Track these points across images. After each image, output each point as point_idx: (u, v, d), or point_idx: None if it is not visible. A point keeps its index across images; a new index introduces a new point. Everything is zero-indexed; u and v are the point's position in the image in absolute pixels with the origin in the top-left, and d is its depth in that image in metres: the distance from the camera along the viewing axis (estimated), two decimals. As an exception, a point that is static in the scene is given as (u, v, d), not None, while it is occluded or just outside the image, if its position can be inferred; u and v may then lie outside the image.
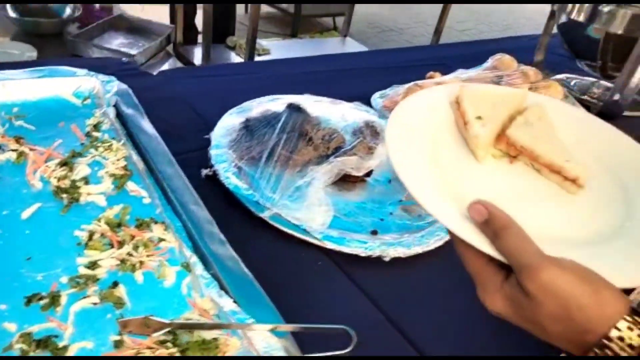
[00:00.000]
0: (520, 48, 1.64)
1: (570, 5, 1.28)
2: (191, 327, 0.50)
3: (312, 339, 0.50)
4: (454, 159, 0.54)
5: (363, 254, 0.68)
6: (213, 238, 0.58)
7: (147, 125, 0.74)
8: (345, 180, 0.83)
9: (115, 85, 0.80)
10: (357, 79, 1.26)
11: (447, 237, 0.74)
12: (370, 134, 0.92)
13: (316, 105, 0.99)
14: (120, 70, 1.05)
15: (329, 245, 0.68)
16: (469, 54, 1.51)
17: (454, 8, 4.95)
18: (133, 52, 2.36)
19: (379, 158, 0.87)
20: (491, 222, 0.41)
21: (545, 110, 0.61)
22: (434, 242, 0.72)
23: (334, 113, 0.99)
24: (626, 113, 1.34)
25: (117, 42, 2.58)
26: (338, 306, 0.62)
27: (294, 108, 0.86)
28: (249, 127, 0.83)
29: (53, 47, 2.29)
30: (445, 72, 1.22)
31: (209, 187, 0.75)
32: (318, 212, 0.74)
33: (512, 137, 0.56)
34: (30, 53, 2.07)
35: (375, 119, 0.99)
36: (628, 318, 0.36)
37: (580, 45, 1.38)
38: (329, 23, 4.22)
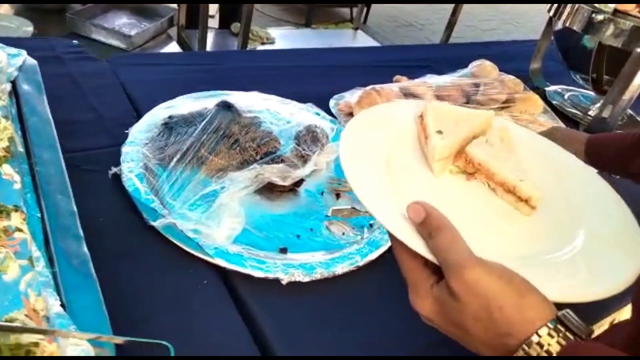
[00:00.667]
0: (522, 54, 1.55)
1: (566, 12, 1.18)
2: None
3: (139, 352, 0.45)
4: (410, 171, 0.54)
5: (257, 275, 0.62)
6: (68, 232, 0.53)
7: (41, 106, 0.69)
8: (271, 190, 0.77)
9: (21, 59, 0.74)
10: (323, 77, 1.19)
11: (360, 263, 0.67)
12: (310, 140, 0.85)
13: (261, 104, 0.92)
14: (67, 53, 1.01)
15: (221, 262, 0.62)
16: (455, 57, 1.42)
17: (480, 7, 4.79)
18: (132, 32, 2.33)
19: (313, 167, 0.81)
20: (427, 223, 0.41)
21: (509, 133, 0.60)
22: (343, 267, 0.66)
23: (280, 114, 0.93)
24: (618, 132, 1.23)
25: (119, 22, 2.56)
26: (209, 329, 0.56)
27: (223, 106, 0.80)
28: (170, 125, 0.77)
29: (54, 24, 2.28)
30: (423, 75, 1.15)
31: (117, 187, 0.71)
32: (225, 224, 0.68)
33: (471, 154, 0.55)
34: (27, 28, 2.06)
35: (322, 123, 0.93)
36: (550, 325, 0.37)
37: (575, 56, 1.27)
38: (346, 14, 4.12)
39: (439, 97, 1.03)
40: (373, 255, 0.69)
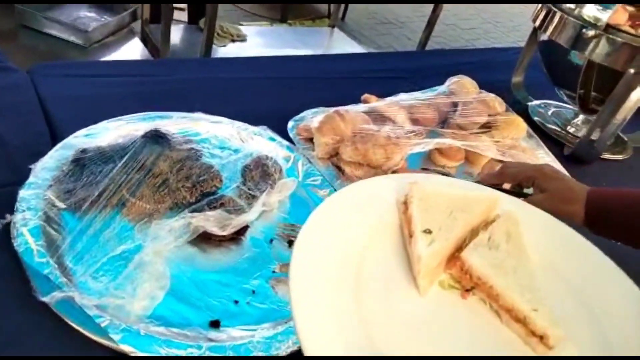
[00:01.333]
0: (504, 63, 1.44)
1: (553, 25, 1.07)
2: None
3: None
4: (385, 285, 0.42)
5: (175, 365, 0.49)
6: None
7: None
8: (209, 239, 0.64)
9: None
10: (286, 91, 1.06)
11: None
12: (258, 176, 0.73)
13: (205, 129, 0.79)
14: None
15: (128, 350, 0.49)
16: (432, 66, 1.30)
17: (461, 6, 4.70)
18: (90, 27, 2.16)
19: (260, 209, 0.68)
20: None
21: (517, 223, 0.47)
22: (284, 352, 0.53)
23: (228, 141, 0.80)
24: (605, 155, 1.14)
25: (77, 15, 2.38)
26: None
27: (151, 137, 0.67)
28: (82, 162, 0.63)
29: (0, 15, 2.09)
30: (399, 89, 1.03)
31: (7, 243, 0.56)
32: (143, 290, 0.55)
33: (468, 263, 0.43)
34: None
35: (278, 151, 0.80)
36: None
37: (561, 71, 1.17)
38: (324, 10, 3.97)
39: (412, 119, 0.91)
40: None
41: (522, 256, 0.44)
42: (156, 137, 0.67)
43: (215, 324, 0.55)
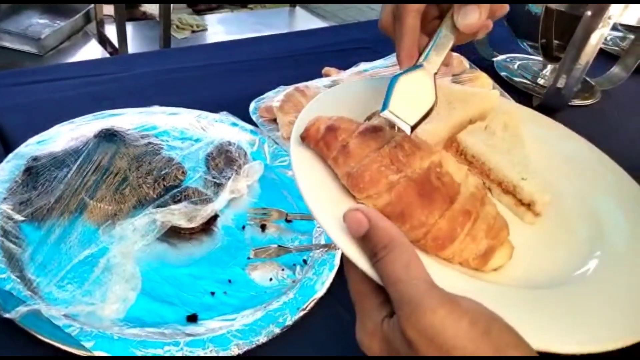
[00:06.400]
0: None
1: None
2: None
3: None
4: None
5: (153, 365, 0.48)
6: None
7: None
8: (178, 233, 0.63)
9: None
10: (245, 75, 1.03)
11: (290, 322, 0.54)
12: (223, 163, 0.71)
13: (162, 122, 0.77)
14: None
15: (100, 354, 0.47)
16: (394, 35, 1.28)
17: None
18: (42, 35, 2.10)
19: (229, 197, 0.67)
20: (371, 238, 0.32)
21: (515, 120, 0.48)
22: (265, 337, 0.52)
23: (188, 131, 0.78)
24: (574, 102, 1.14)
25: (29, 23, 2.30)
26: None
27: (104, 136, 0.64)
28: (34, 170, 0.61)
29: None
30: (362, 59, 1.01)
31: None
32: (114, 293, 0.53)
33: (463, 143, 0.45)
34: None
35: (241, 135, 0.78)
36: None
37: (521, 22, 1.16)
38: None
39: (376, 88, 0.90)
40: (308, 304, 0.56)
41: (517, 142, 0.45)
42: (109, 136, 0.64)
43: (192, 318, 0.54)
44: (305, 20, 2.88)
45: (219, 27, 2.64)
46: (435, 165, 0.36)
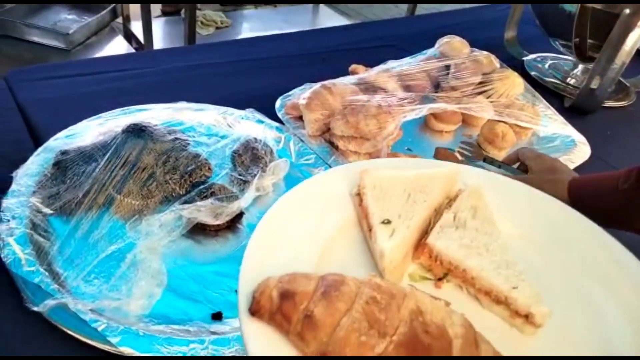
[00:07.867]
0: (494, 20, 1.39)
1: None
2: None
3: None
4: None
5: (178, 363, 0.48)
6: None
7: None
8: (204, 230, 0.62)
9: None
10: (271, 72, 1.02)
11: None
12: (249, 160, 0.70)
13: (189, 118, 0.76)
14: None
15: (129, 352, 0.47)
16: (421, 31, 1.27)
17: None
18: (70, 30, 2.13)
19: (254, 194, 0.66)
20: None
21: (481, 196, 0.43)
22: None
23: (214, 127, 0.77)
24: (607, 104, 1.10)
25: (57, 19, 2.34)
26: None
27: (132, 132, 0.64)
28: (63, 164, 0.61)
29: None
30: (388, 57, 0.99)
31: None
32: (139, 289, 0.53)
33: (436, 249, 0.39)
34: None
35: (267, 133, 0.77)
36: None
37: (554, 21, 1.13)
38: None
39: (404, 86, 0.88)
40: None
41: (492, 230, 0.41)
42: (137, 131, 0.64)
43: (217, 316, 0.53)
44: (328, 18, 2.86)
45: (244, 24, 2.64)
46: (416, 314, 0.32)
